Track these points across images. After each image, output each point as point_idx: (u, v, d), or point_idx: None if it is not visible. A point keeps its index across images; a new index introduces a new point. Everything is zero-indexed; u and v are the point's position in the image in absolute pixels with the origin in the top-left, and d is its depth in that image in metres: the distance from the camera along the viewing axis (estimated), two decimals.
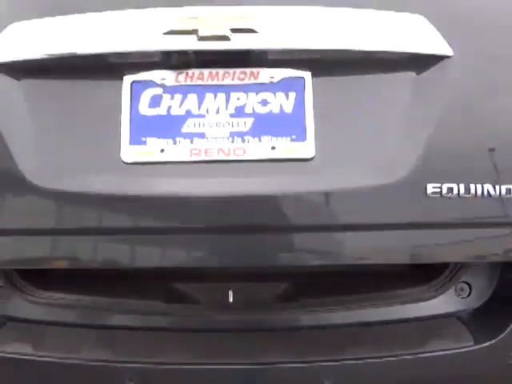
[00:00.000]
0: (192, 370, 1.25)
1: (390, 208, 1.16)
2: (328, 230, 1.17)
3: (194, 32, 1.12)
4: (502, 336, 1.26)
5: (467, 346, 1.27)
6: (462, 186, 1.15)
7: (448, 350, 1.27)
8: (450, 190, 1.14)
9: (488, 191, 1.15)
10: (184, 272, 1.35)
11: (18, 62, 1.18)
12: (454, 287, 1.36)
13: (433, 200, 1.15)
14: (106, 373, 1.27)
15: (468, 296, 1.36)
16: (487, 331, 1.29)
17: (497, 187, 1.15)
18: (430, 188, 1.14)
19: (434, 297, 1.36)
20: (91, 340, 1.33)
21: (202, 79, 1.18)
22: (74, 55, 1.16)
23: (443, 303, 1.36)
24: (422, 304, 1.36)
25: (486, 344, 1.26)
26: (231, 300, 1.32)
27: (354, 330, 1.35)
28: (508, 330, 1.26)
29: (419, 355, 1.27)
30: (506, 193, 1.15)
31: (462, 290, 1.36)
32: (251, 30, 1.13)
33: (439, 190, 1.14)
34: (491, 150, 1.17)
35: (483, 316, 1.34)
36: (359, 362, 1.25)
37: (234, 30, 1.12)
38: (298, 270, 1.36)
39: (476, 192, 1.15)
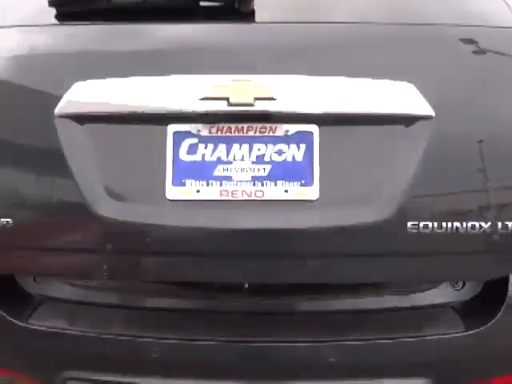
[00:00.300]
0: (208, 346, 1.43)
1: (378, 240, 1.38)
2: (328, 256, 1.39)
3: (225, 99, 1.33)
4: (489, 324, 1.41)
5: (459, 332, 1.43)
6: (435, 224, 1.35)
7: (442, 335, 1.43)
8: (426, 226, 1.35)
9: (457, 227, 1.35)
10: None
11: (83, 113, 1.39)
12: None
13: (412, 234, 1.35)
14: (132, 346, 1.44)
15: (461, 288, 1.52)
16: (477, 320, 1.43)
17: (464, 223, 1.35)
18: (410, 225, 1.35)
19: (431, 288, 1.52)
20: (119, 318, 1.50)
21: (230, 132, 1.38)
22: (128, 111, 1.37)
23: (439, 294, 1.52)
24: (420, 294, 1.52)
25: (475, 331, 1.41)
26: (246, 286, 1.51)
27: (362, 316, 1.51)
28: (495, 319, 1.41)
29: (415, 339, 1.42)
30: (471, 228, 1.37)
31: (456, 282, 1.51)
32: (271, 98, 1.34)
33: (417, 226, 1.35)
34: (465, 192, 1.38)
35: (474, 306, 1.49)
36: (361, 343, 1.42)
37: (257, 98, 1.33)
38: None
39: (447, 228, 1.35)
